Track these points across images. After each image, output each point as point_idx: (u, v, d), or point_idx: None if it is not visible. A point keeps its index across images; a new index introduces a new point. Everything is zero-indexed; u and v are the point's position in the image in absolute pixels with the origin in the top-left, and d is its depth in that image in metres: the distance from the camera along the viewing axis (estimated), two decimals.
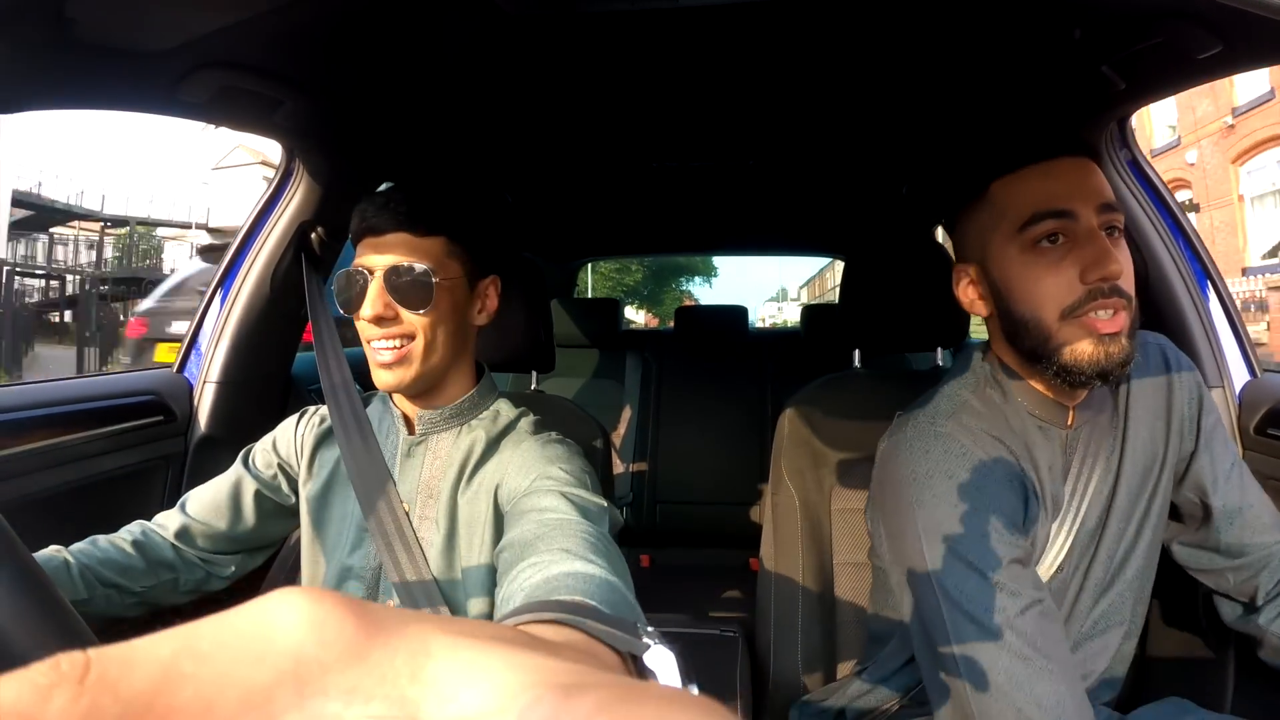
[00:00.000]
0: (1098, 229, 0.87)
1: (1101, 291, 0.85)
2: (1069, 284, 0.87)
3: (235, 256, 1.56)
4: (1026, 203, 0.90)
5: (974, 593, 0.85)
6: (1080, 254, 0.86)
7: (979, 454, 0.94)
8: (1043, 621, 0.85)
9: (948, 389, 1.04)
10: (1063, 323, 0.88)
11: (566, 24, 1.16)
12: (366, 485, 1.04)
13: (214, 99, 1.14)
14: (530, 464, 1.01)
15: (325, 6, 1.00)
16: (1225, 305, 1.38)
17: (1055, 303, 0.88)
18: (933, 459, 0.94)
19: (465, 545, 1.03)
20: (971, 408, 0.99)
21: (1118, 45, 1.09)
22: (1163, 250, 1.36)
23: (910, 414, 1.04)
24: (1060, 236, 0.88)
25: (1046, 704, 0.80)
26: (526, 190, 2.37)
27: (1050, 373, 0.91)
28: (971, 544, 0.87)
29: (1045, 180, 0.90)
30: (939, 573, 0.88)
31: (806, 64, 1.36)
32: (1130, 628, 1.05)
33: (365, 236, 1.03)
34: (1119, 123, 1.33)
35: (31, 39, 0.83)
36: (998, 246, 0.93)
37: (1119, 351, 0.86)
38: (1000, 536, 0.88)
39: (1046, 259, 0.89)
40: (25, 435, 1.20)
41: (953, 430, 0.96)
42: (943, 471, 0.93)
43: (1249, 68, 1.06)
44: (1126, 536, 1.02)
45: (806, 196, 2.54)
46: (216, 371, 1.54)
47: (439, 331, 1.03)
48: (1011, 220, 0.91)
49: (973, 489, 0.91)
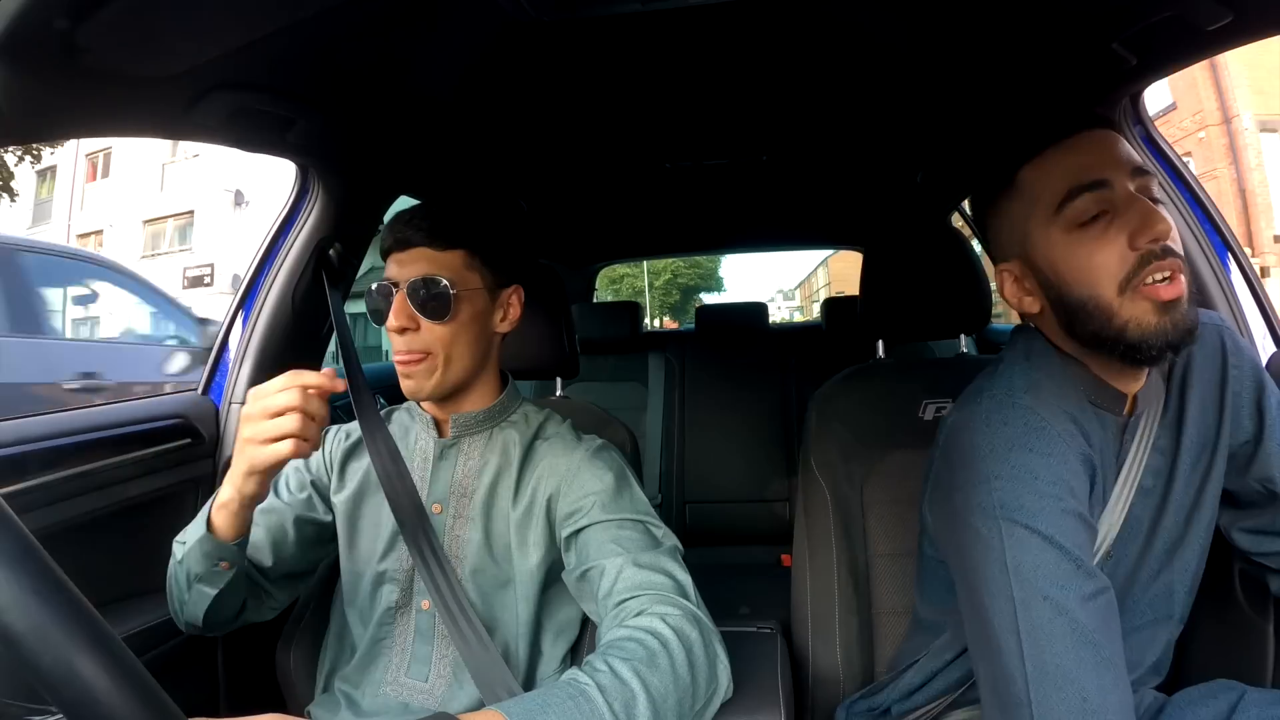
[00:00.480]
0: (1135, 193, 0.84)
1: (1155, 254, 0.82)
2: (1120, 254, 0.83)
3: (255, 276, 1.57)
4: (1060, 181, 0.87)
5: (1050, 569, 0.81)
6: (1125, 220, 0.83)
7: (1057, 429, 0.89)
8: (1109, 610, 0.82)
9: (1019, 367, 0.98)
10: (1123, 297, 0.84)
11: (576, 28, 1.16)
12: (396, 493, 1.07)
13: (227, 121, 1.15)
14: (586, 484, 1.05)
15: (335, 24, 1.01)
16: (1247, 277, 1.36)
17: (1111, 276, 0.84)
18: (1012, 431, 0.89)
19: (504, 543, 1.08)
20: (1044, 386, 0.94)
21: (1128, 21, 1.08)
22: (1182, 224, 1.34)
23: (983, 387, 0.98)
24: (1099, 212, 0.85)
25: (1107, 696, 0.77)
26: (542, 197, 2.37)
27: (1118, 353, 0.86)
28: (1050, 519, 0.83)
29: (1073, 155, 0.88)
30: (1012, 547, 0.84)
31: (816, 55, 1.36)
32: (1180, 615, 1.04)
33: (392, 251, 1.08)
34: (1132, 99, 1.32)
35: (45, 69, 0.84)
36: (1039, 233, 0.90)
37: (1184, 319, 0.83)
38: (1077, 515, 0.85)
39: (1092, 233, 0.85)
40: (58, 463, 1.21)
41: (1033, 404, 0.91)
42: (1022, 444, 0.88)
43: (1259, 36, 1.06)
44: (1179, 526, 1.00)
45: (821, 189, 2.54)
46: (242, 392, 1.55)
47: (460, 341, 1.07)
48: (1047, 203, 0.88)
49: (1053, 464, 0.87)
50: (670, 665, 0.80)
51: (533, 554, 1.06)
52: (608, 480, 1.05)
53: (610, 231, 3.18)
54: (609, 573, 0.94)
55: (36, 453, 1.20)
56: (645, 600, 0.88)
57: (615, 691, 0.75)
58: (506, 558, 1.07)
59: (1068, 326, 0.92)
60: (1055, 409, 0.92)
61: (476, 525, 1.08)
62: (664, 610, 0.87)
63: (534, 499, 1.08)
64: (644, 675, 0.77)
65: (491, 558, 1.07)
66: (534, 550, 1.06)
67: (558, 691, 0.73)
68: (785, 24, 1.21)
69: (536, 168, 2.03)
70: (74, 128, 1.02)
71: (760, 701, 0.88)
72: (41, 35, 0.78)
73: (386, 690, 1.05)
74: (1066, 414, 0.92)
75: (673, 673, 0.80)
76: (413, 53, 1.19)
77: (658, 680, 0.78)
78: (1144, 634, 1.02)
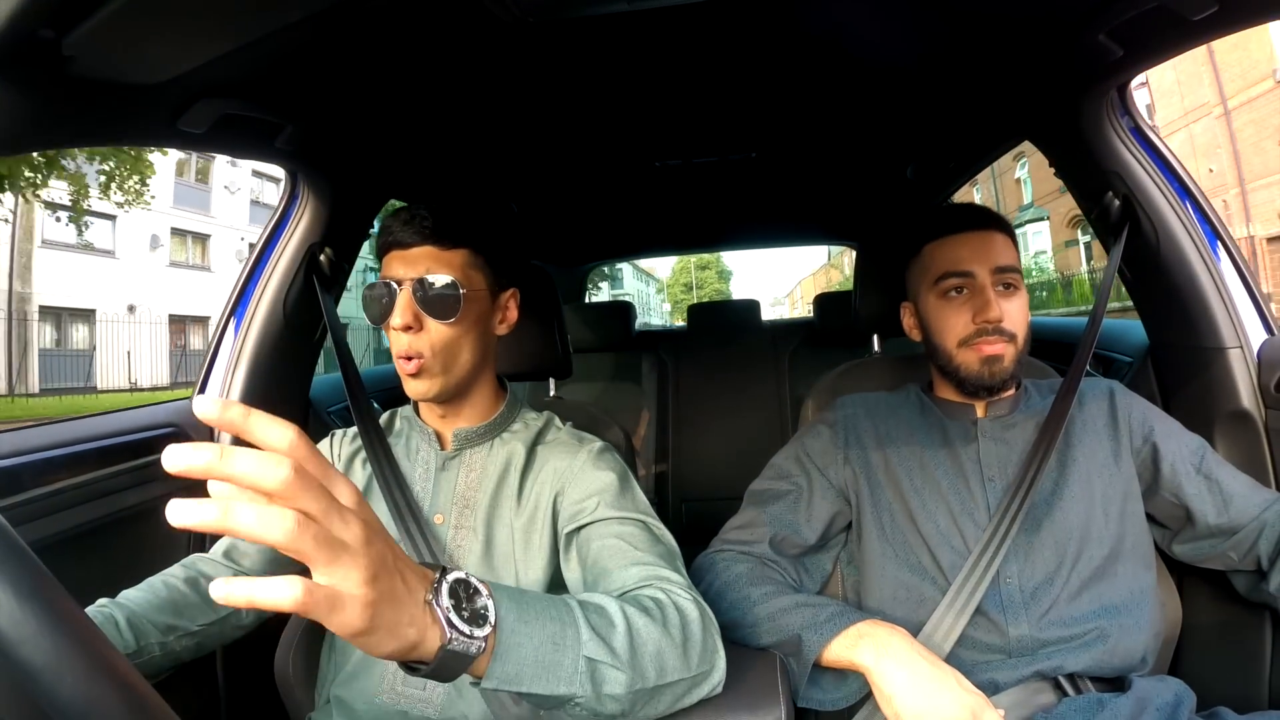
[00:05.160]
0: (990, 285, 1.17)
1: (986, 330, 1.16)
2: (965, 323, 1.18)
3: (246, 282, 1.56)
4: (941, 264, 1.21)
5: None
6: (973, 303, 1.18)
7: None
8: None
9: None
10: (959, 349, 1.19)
11: (562, 28, 1.16)
12: (394, 502, 1.08)
13: (214, 128, 1.15)
14: (589, 483, 1.06)
15: (320, 29, 1.00)
16: (1238, 265, 1.36)
17: (955, 335, 1.20)
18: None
19: (505, 551, 1.07)
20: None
21: (1114, 13, 1.08)
22: (1171, 214, 1.35)
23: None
24: (964, 289, 1.19)
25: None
26: (531, 197, 2.37)
27: (953, 383, 1.24)
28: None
29: (955, 248, 1.21)
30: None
31: (802, 53, 1.36)
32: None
33: (391, 250, 1.07)
34: (1119, 90, 1.33)
35: (33, 78, 0.84)
36: (923, 292, 1.25)
37: (1000, 371, 1.17)
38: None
39: (952, 304, 1.20)
40: (51, 475, 1.21)
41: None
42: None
43: (1244, 26, 1.06)
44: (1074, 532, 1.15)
45: (811, 185, 2.54)
46: (235, 398, 1.55)
47: (464, 341, 1.07)
48: (931, 275, 1.23)
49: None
50: (662, 620, 0.79)
51: (537, 559, 1.06)
52: (610, 480, 1.05)
53: (600, 231, 3.18)
54: (615, 574, 0.92)
55: (31, 464, 1.19)
56: (653, 589, 0.87)
57: (595, 610, 0.75)
58: (506, 565, 1.07)
59: (929, 356, 1.28)
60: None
61: (478, 535, 1.08)
62: (667, 588, 0.87)
63: (538, 503, 1.08)
64: (629, 614, 0.77)
65: (491, 566, 1.07)
66: (538, 555, 1.06)
67: (539, 593, 0.74)
68: (771, 22, 1.21)
69: (525, 168, 2.02)
70: (61, 137, 1.02)
71: (760, 699, 0.87)
72: (27, 44, 0.78)
73: (384, 699, 1.05)
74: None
75: (663, 626, 0.79)
76: (399, 56, 1.18)
77: (643, 623, 0.77)
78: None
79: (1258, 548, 1.11)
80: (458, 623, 0.59)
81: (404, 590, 0.55)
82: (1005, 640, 1.09)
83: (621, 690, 0.72)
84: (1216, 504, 1.15)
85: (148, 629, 0.99)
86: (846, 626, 1.00)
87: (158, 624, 1.00)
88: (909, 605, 1.15)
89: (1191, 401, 1.39)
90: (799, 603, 1.07)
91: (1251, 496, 1.15)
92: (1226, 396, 1.32)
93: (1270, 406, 1.29)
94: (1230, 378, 1.32)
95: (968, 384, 1.20)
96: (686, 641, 0.80)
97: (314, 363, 1.71)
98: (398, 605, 0.54)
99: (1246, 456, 1.30)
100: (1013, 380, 1.22)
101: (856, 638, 0.99)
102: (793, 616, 1.04)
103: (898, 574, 1.18)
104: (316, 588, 0.49)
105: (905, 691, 0.92)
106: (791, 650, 1.02)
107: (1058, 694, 1.05)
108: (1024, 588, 1.11)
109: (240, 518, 0.46)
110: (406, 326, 1.03)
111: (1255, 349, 1.32)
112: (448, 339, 1.05)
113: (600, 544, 0.97)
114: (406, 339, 1.04)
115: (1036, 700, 1.05)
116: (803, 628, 1.02)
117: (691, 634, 0.81)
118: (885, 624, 1.01)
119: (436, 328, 1.04)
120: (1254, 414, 1.30)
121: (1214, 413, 1.34)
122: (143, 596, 1.03)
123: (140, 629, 0.98)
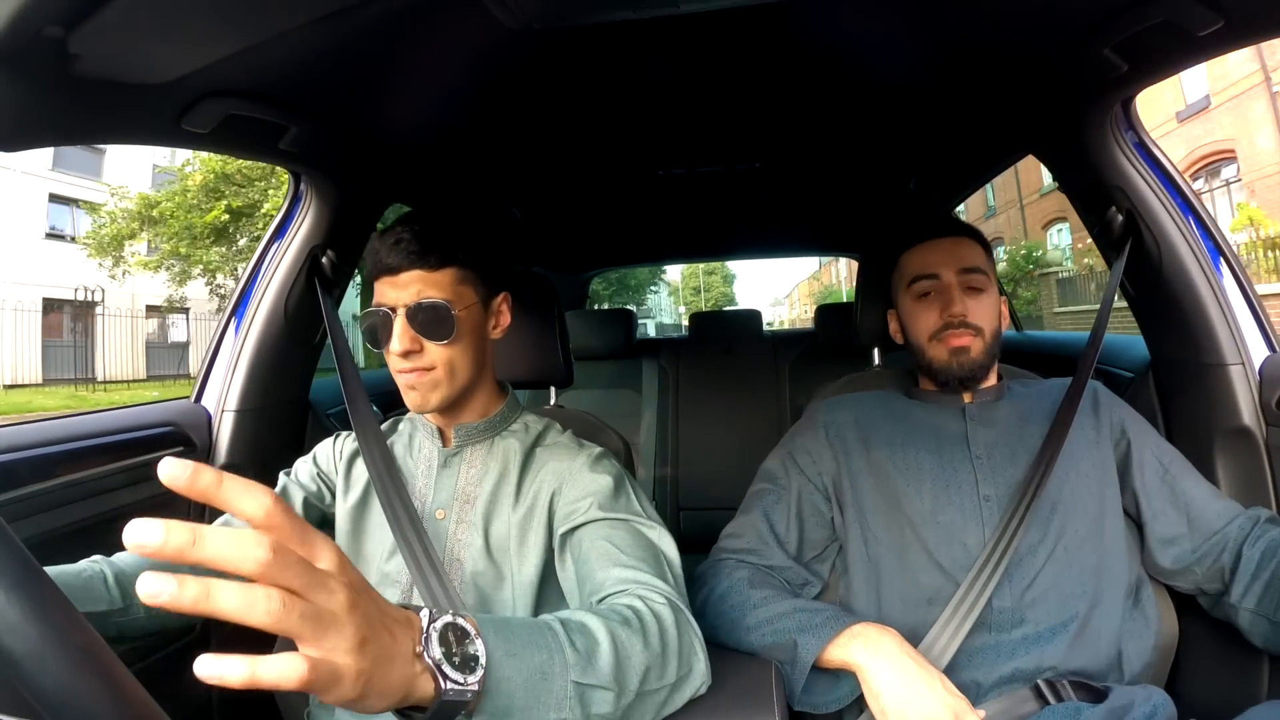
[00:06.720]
0: (956, 285, 1.28)
1: (953, 324, 1.26)
2: (934, 319, 1.29)
3: (247, 283, 1.57)
4: (912, 269, 1.34)
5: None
6: (942, 301, 1.28)
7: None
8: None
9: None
10: (930, 344, 1.30)
11: (568, 35, 1.16)
12: (391, 503, 1.10)
13: (218, 128, 1.15)
14: (585, 485, 1.08)
15: (326, 32, 1.00)
16: (1240, 282, 1.36)
17: (926, 331, 1.30)
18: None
19: (503, 545, 1.10)
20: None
21: (1119, 28, 1.08)
22: (1174, 230, 1.35)
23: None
24: (932, 291, 1.30)
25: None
26: (534, 203, 2.37)
27: (929, 376, 1.34)
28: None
29: (923, 254, 1.33)
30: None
31: (807, 64, 1.36)
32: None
33: (382, 276, 1.08)
34: (1123, 105, 1.33)
35: (38, 77, 0.84)
36: (901, 296, 1.37)
37: (968, 362, 1.26)
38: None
39: (924, 304, 1.31)
40: (48, 471, 1.21)
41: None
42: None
43: (1250, 41, 1.06)
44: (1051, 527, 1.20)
45: (814, 196, 2.54)
46: (234, 400, 1.55)
47: (462, 355, 1.10)
48: (906, 279, 1.35)
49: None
50: (642, 631, 0.81)
51: (531, 555, 1.08)
52: (606, 482, 1.07)
53: (603, 238, 3.18)
54: (597, 575, 0.95)
55: (28, 460, 1.19)
56: (629, 596, 0.89)
57: (578, 630, 0.75)
58: (504, 559, 1.09)
59: (909, 355, 1.38)
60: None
61: (477, 530, 1.10)
62: (645, 594, 0.89)
63: (535, 500, 1.10)
64: (613, 630, 0.78)
65: (490, 560, 1.09)
66: (533, 550, 1.08)
67: (523, 620, 0.74)
68: (776, 34, 1.21)
69: (529, 173, 2.02)
70: (66, 136, 1.02)
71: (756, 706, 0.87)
72: (33, 42, 0.78)
73: None
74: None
75: (643, 637, 0.80)
76: (405, 60, 1.19)
77: (625, 636, 0.78)
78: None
79: (1222, 560, 1.16)
80: (450, 672, 0.58)
81: (393, 646, 0.54)
82: (988, 610, 1.12)
83: (609, 709, 0.74)
84: (1178, 512, 1.21)
85: (133, 590, 0.98)
86: (841, 629, 1.05)
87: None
88: (905, 601, 1.20)
89: (1192, 417, 1.38)
90: (796, 607, 1.12)
91: (1215, 507, 1.20)
92: (1227, 413, 1.32)
93: (1271, 424, 1.28)
94: (1231, 394, 1.32)
95: (940, 375, 1.30)
96: (665, 649, 0.82)
97: (314, 365, 1.71)
98: (389, 666, 0.54)
99: (1247, 473, 1.30)
100: (985, 372, 1.30)
101: (850, 638, 1.04)
102: (790, 620, 1.09)
103: (890, 564, 1.23)
104: (320, 662, 0.48)
105: (892, 689, 0.98)
106: (788, 654, 1.06)
107: (1039, 702, 1.08)
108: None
109: (223, 601, 0.44)
110: (406, 352, 1.05)
111: (1257, 366, 1.32)
112: (446, 357, 1.08)
113: (589, 545, 1.00)
114: (408, 362, 1.07)
115: (1019, 709, 1.08)
116: (799, 631, 1.07)
117: (669, 641, 0.83)
118: (876, 625, 1.06)
119: (434, 348, 1.07)
120: (1255, 431, 1.30)
121: (1214, 429, 1.33)
122: (134, 558, 1.03)
123: (127, 588, 0.98)
